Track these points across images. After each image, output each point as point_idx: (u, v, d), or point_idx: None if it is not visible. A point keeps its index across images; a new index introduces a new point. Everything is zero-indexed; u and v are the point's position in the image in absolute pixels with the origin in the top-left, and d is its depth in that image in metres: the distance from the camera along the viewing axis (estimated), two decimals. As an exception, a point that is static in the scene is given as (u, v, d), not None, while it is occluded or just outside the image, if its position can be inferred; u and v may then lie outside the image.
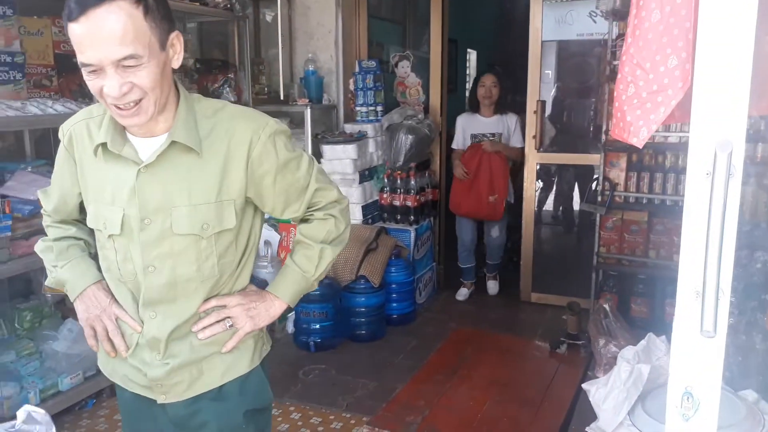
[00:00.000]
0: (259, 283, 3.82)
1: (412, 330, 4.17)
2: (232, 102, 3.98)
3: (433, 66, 4.78)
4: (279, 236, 4.25)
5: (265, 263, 4.03)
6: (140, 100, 1.20)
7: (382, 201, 4.52)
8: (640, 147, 1.10)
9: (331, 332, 3.86)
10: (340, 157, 4.24)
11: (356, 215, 4.33)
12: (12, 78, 2.89)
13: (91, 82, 1.20)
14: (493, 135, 4.48)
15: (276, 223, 4.27)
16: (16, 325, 3.05)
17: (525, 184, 4.61)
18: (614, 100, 1.10)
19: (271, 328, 3.89)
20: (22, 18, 2.97)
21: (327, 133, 4.44)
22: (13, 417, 2.81)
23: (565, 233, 6.67)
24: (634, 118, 1.06)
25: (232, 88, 4.04)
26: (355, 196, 4.31)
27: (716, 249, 0.86)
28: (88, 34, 1.13)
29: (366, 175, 4.43)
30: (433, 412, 2.02)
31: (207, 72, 4.06)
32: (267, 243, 4.18)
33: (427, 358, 2.85)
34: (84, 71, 1.19)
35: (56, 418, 2.98)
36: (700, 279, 0.89)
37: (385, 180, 4.50)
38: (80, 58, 1.17)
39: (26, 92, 2.97)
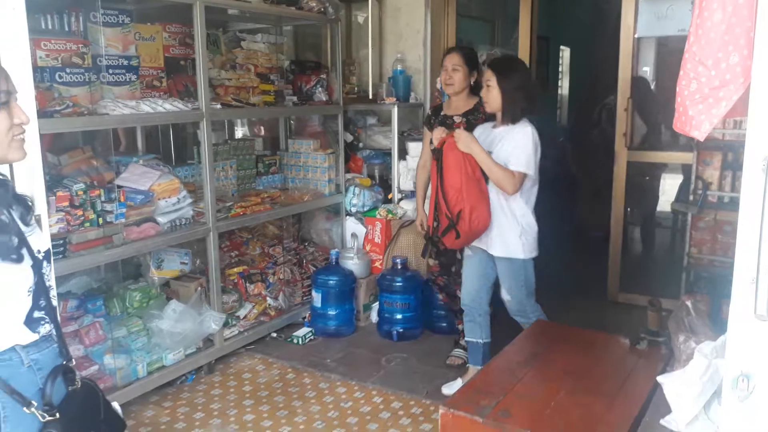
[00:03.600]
0: (348, 274, 3.98)
1: (495, 324, 4.20)
2: (323, 101, 4.19)
3: (521, 64, 4.78)
4: (365, 229, 4.41)
5: (351, 255, 4.20)
6: None
7: (467, 197, 4.57)
8: (701, 140, 1.13)
9: (413, 323, 3.98)
10: (425, 154, 4.33)
11: (440, 211, 4.41)
12: (128, 80, 3.19)
13: None
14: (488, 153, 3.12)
15: (362, 217, 4.43)
16: (127, 304, 3.36)
17: (615, 183, 4.53)
18: (677, 95, 1.14)
19: (355, 317, 4.06)
20: (137, 25, 3.27)
21: (413, 130, 4.56)
22: (126, 384, 3.12)
23: (652, 233, 6.45)
24: (696, 113, 1.09)
25: (324, 88, 4.24)
26: (440, 192, 4.39)
27: (769, 239, 0.89)
28: None
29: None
30: (507, 398, 2.08)
31: (301, 73, 4.28)
32: (353, 236, 4.36)
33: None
34: None
35: (160, 389, 3.28)
36: (755, 266, 0.92)
37: (470, 177, 4.55)
38: None
39: (140, 92, 3.26)
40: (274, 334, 3.97)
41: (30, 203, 1.50)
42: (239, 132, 4.74)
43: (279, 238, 4.31)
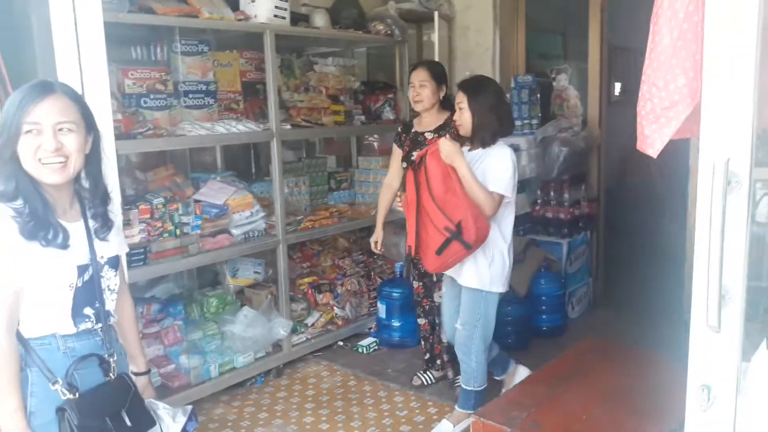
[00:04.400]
0: (408, 291, 4.06)
1: (560, 343, 4.16)
2: (391, 119, 4.35)
3: (591, 76, 4.74)
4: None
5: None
6: None
7: (534, 213, 4.58)
8: (655, 157, 1.17)
9: (475, 337, 4.02)
10: (492, 170, 4.38)
11: (507, 226, 4.43)
12: (206, 103, 3.48)
13: None
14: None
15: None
16: (204, 309, 3.64)
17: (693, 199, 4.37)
18: (637, 116, 1.19)
19: (417, 333, 4.13)
20: (216, 53, 3.57)
21: (481, 146, 4.61)
22: (199, 383, 3.37)
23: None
24: (650, 132, 1.14)
25: (391, 107, 4.40)
26: (506, 208, 4.42)
27: (717, 251, 0.93)
28: None
29: (518, 187, 4.50)
30: (539, 410, 2.11)
31: (370, 93, 4.46)
32: (420, 250, 4.46)
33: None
34: None
35: (230, 389, 3.52)
36: (705, 278, 0.96)
37: (538, 192, 4.56)
38: None
39: (217, 115, 3.55)
40: (341, 343, 4.14)
41: (113, 221, 1.76)
42: (316, 150, 4.99)
43: (348, 251, 4.49)
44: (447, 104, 3.29)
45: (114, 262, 1.75)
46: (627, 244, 5.79)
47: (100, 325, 1.69)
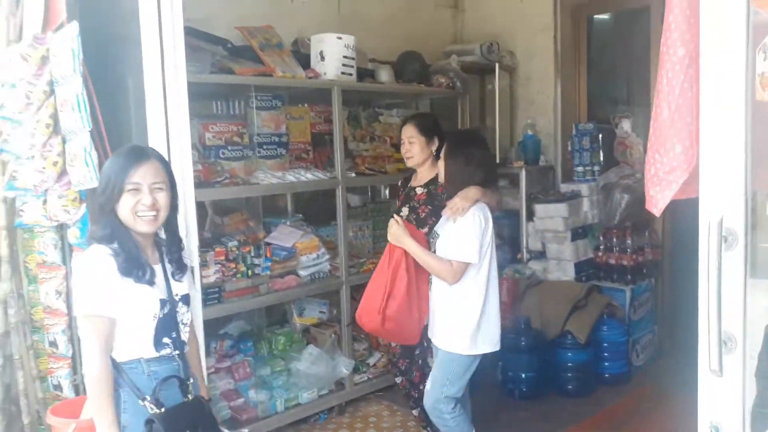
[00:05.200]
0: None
1: (625, 391, 4.11)
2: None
3: (655, 125, 4.75)
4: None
5: (478, 312, 4.38)
6: None
7: (597, 259, 4.59)
8: (657, 216, 1.26)
9: (536, 383, 4.03)
10: (552, 215, 4.45)
11: (568, 272, 4.46)
12: (279, 153, 3.76)
13: None
14: (434, 236, 2.91)
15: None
16: (272, 346, 3.85)
17: None
18: (644, 178, 1.30)
19: (481, 372, 4.20)
20: (288, 107, 3.86)
21: (541, 192, 4.70)
22: (265, 417, 3.55)
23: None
24: (655, 193, 1.24)
25: (453, 154, 4.55)
26: (567, 253, 4.46)
27: (715, 301, 1.02)
28: None
29: (580, 233, 4.55)
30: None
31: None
32: (481, 293, 4.54)
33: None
34: None
35: (295, 424, 3.68)
36: (706, 327, 1.05)
37: (600, 238, 4.57)
38: None
39: (288, 164, 3.82)
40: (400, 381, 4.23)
41: (186, 265, 2.07)
42: (381, 195, 5.19)
43: (411, 294, 4.62)
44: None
45: (186, 300, 2.03)
46: (694, 292, 5.63)
47: (177, 352, 1.95)
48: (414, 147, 3.17)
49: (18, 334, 2.78)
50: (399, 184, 3.44)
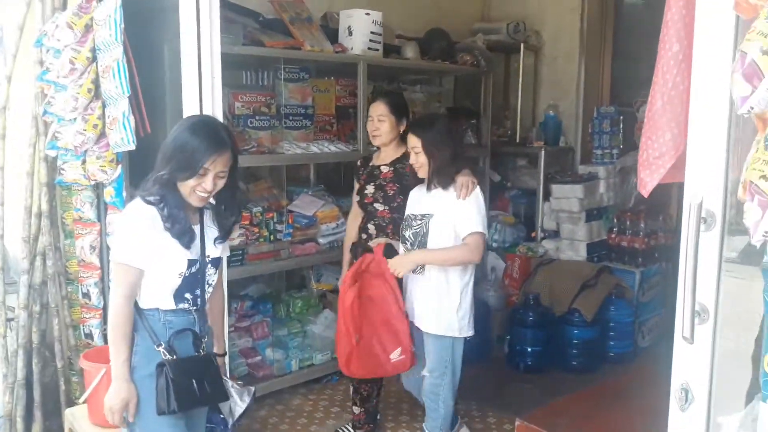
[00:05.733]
0: (482, 305, 4.28)
1: (627, 369, 4.23)
2: (472, 144, 4.58)
3: (676, 111, 4.79)
4: (505, 264, 4.71)
5: (488, 287, 4.52)
6: None
7: (610, 241, 4.67)
8: (646, 197, 1.38)
9: (541, 357, 4.17)
10: (567, 196, 4.54)
11: (580, 252, 4.56)
12: (304, 125, 3.88)
13: None
14: (422, 218, 2.75)
15: (503, 252, 4.73)
16: (290, 309, 4.03)
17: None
18: (637, 163, 1.42)
19: (489, 347, 4.33)
20: (315, 80, 3.97)
21: (559, 173, 4.78)
22: (281, 375, 3.73)
23: None
24: (645, 176, 1.36)
25: (473, 132, 4.66)
26: (580, 234, 4.56)
27: (691, 276, 1.13)
28: None
29: (594, 214, 4.64)
30: (583, 421, 2.30)
31: (454, 118, 4.73)
32: (492, 269, 4.68)
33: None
34: None
35: (308, 384, 3.87)
36: (682, 298, 1.17)
37: (614, 221, 4.66)
38: None
39: (313, 135, 3.94)
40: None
41: (230, 234, 2.18)
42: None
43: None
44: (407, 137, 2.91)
45: (216, 262, 2.14)
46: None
47: (195, 308, 2.06)
48: (384, 125, 3.08)
49: (54, 284, 2.97)
50: (359, 163, 3.35)
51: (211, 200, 2.09)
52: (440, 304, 2.70)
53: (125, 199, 2.88)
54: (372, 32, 3.87)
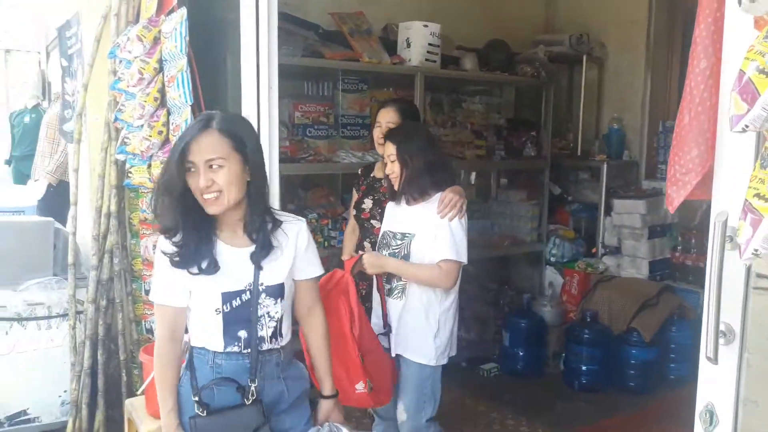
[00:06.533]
0: (538, 320, 4.20)
1: (687, 393, 4.06)
2: (532, 156, 4.52)
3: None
4: (563, 280, 4.62)
5: (545, 302, 4.45)
6: None
7: (674, 259, 4.52)
8: (672, 213, 1.34)
9: (597, 376, 4.07)
10: (630, 211, 4.43)
11: (642, 270, 4.43)
12: (361, 135, 3.96)
13: None
14: (402, 237, 2.47)
15: (562, 267, 4.65)
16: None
17: None
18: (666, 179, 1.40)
19: (544, 362, 4.27)
20: (373, 91, 4.04)
21: (622, 187, 4.67)
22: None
23: None
24: (671, 192, 1.33)
25: (533, 144, 4.61)
26: (642, 251, 4.43)
27: (715, 295, 1.11)
28: None
29: (658, 231, 4.50)
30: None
31: (514, 130, 4.71)
32: (550, 284, 4.61)
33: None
34: None
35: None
36: (707, 318, 1.14)
37: (679, 238, 4.50)
38: None
39: (369, 145, 4.01)
40: (464, 364, 4.39)
41: (274, 247, 1.75)
42: (460, 180, 5.31)
43: (479, 278, 4.74)
44: None
45: (275, 291, 1.75)
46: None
47: (248, 350, 1.74)
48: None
49: (120, 281, 3.15)
50: (359, 172, 3.16)
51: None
52: (417, 329, 2.43)
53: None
54: (430, 44, 3.91)
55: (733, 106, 0.87)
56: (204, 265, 1.70)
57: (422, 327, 2.42)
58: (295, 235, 1.82)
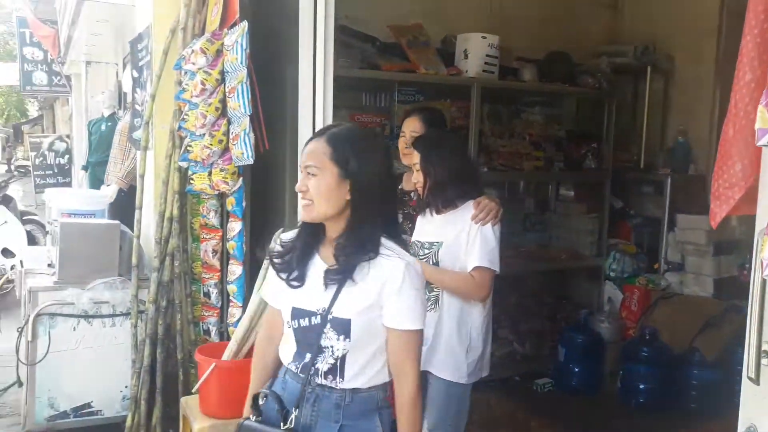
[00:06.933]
0: (595, 336, 4.10)
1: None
2: (592, 168, 4.44)
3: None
4: (622, 295, 4.50)
5: (603, 318, 4.35)
6: None
7: (742, 278, 4.32)
8: (714, 228, 1.29)
9: (656, 395, 3.94)
10: (694, 227, 4.28)
11: (707, 288, 4.28)
12: (417, 144, 3.99)
13: None
14: (429, 246, 2.38)
15: (622, 283, 4.53)
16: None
17: None
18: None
19: (600, 379, 4.17)
20: (430, 102, 4.07)
21: (687, 202, 4.51)
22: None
23: None
24: (714, 206, 1.28)
25: (594, 156, 4.52)
26: (707, 268, 4.27)
27: (757, 313, 1.07)
28: None
29: (724, 248, 4.32)
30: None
31: (572, 142, 4.63)
32: (609, 300, 4.49)
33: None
34: None
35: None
36: (748, 337, 1.10)
37: (747, 256, 4.29)
38: None
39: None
40: (517, 378, 4.33)
41: (347, 278, 1.58)
42: (519, 191, 5.25)
43: (536, 291, 4.68)
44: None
45: (340, 325, 1.57)
46: None
47: (303, 375, 1.62)
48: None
49: (180, 282, 3.28)
50: None
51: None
52: (449, 343, 2.31)
53: (244, 208, 3.14)
54: (488, 55, 3.92)
55: (759, 119, 0.85)
56: (292, 276, 1.63)
57: (454, 341, 2.30)
58: (386, 273, 1.56)
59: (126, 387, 3.34)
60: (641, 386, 3.97)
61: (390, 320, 1.57)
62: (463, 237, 2.27)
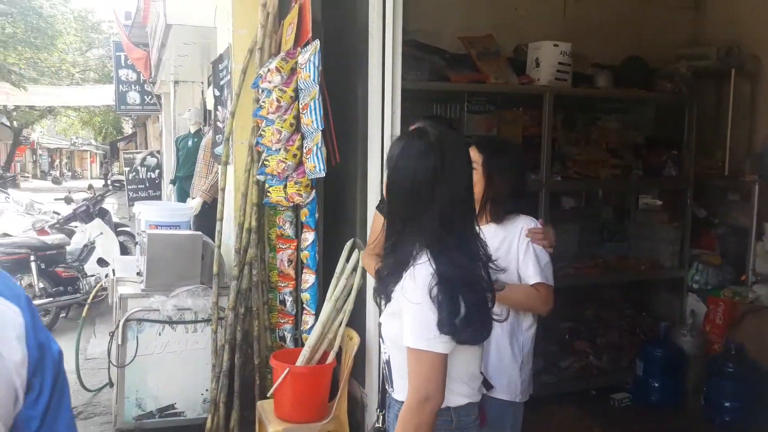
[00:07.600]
0: (676, 350, 3.95)
1: None
2: (673, 176, 4.29)
3: None
4: (706, 308, 4.30)
5: (685, 332, 4.17)
6: None
7: (839, 291, 4.04)
8: None
9: (742, 414, 3.74)
10: (785, 237, 4.04)
11: (801, 301, 4.02)
12: (487, 154, 3.99)
13: None
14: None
15: (706, 295, 4.34)
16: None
17: None
18: None
19: (682, 395, 4.01)
20: (501, 111, 4.06)
21: (776, 211, 4.27)
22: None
23: None
24: None
25: (674, 163, 4.36)
26: (801, 281, 4.02)
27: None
28: None
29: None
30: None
31: (651, 149, 4.49)
32: (692, 313, 4.31)
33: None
34: None
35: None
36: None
37: None
38: None
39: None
40: (594, 392, 4.22)
41: (390, 289, 1.55)
42: (597, 199, 5.12)
43: (615, 303, 4.54)
44: None
45: (382, 329, 1.58)
46: None
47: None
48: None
49: (257, 290, 3.43)
50: None
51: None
52: (503, 361, 2.19)
53: (317, 219, 3.25)
54: (560, 63, 3.87)
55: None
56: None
57: (508, 358, 2.19)
58: (406, 279, 1.49)
59: (206, 390, 3.51)
60: (726, 404, 3.78)
61: (410, 339, 1.46)
62: (511, 249, 2.19)
